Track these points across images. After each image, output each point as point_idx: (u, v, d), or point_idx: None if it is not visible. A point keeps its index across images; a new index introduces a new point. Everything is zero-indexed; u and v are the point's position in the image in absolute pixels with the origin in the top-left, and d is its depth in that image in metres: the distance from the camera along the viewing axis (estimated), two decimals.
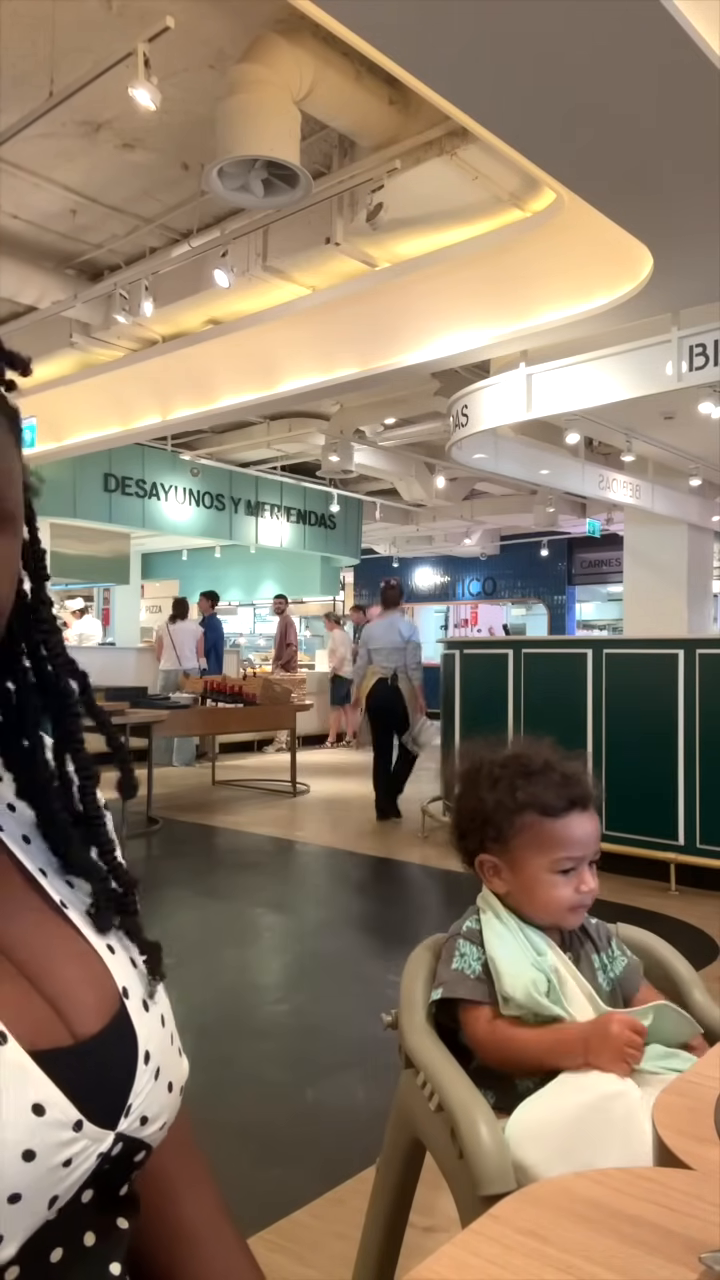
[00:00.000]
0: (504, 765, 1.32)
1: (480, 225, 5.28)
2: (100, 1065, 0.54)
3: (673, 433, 7.96)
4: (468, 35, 2.93)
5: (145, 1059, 0.56)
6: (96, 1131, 0.52)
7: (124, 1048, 0.56)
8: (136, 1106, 0.55)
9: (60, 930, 0.58)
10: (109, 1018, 0.56)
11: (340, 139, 4.99)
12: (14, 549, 0.57)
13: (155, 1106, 0.56)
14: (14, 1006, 0.52)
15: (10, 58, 4.25)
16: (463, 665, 5.81)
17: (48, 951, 0.56)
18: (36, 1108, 0.49)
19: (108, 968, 0.58)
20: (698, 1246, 0.61)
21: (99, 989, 0.57)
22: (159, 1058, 0.57)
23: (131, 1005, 0.58)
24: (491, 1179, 1.02)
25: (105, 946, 0.59)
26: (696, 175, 3.72)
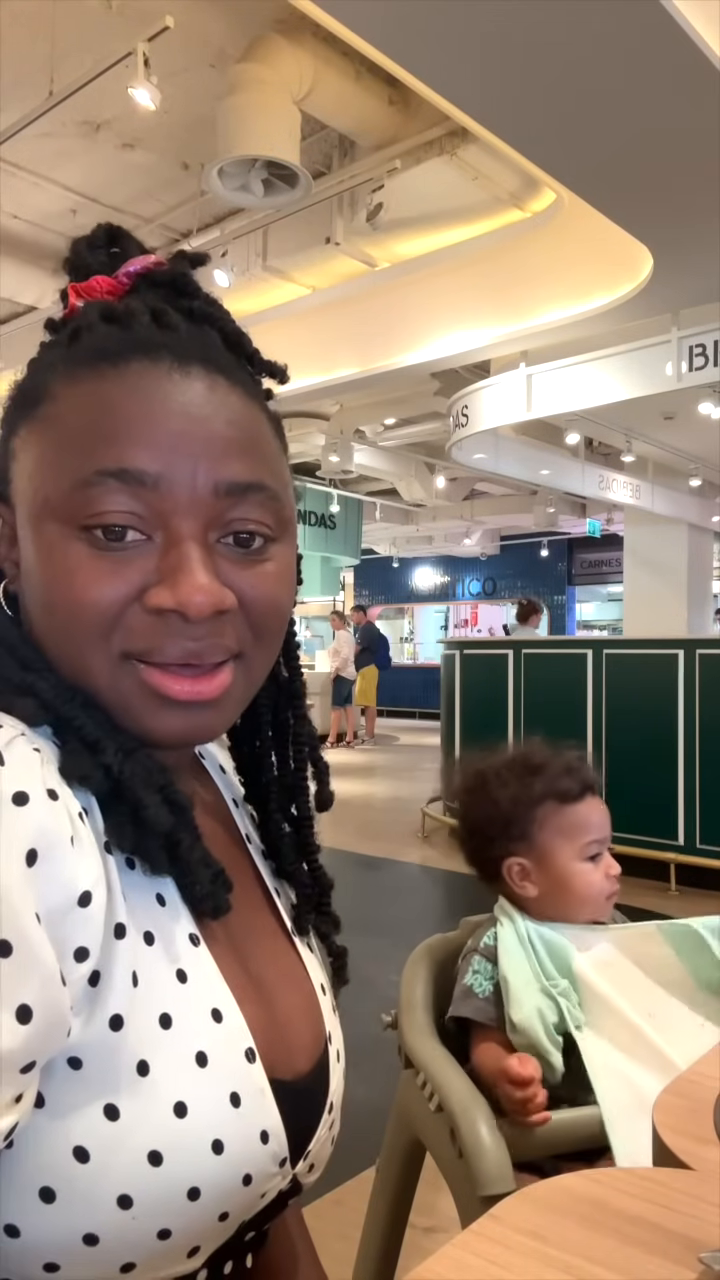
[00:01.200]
0: (508, 767, 1.31)
1: (480, 225, 5.28)
2: (300, 1106, 0.54)
3: (673, 433, 7.96)
4: (468, 35, 2.93)
5: (329, 1109, 0.57)
6: (288, 1170, 0.53)
7: (320, 1094, 0.56)
8: (313, 1154, 0.55)
9: (289, 958, 0.59)
10: (315, 1061, 0.57)
11: (340, 139, 4.99)
12: (292, 558, 0.56)
13: (322, 1157, 0.57)
14: (262, 1030, 0.52)
15: (10, 58, 4.25)
16: (463, 666, 5.81)
17: (280, 979, 0.57)
18: (264, 1135, 0.50)
19: (321, 1009, 0.59)
20: (698, 1246, 0.61)
21: (313, 1029, 0.58)
22: (338, 1110, 0.58)
23: (332, 1052, 0.58)
24: (491, 1179, 1.02)
25: (319, 985, 0.60)
26: (696, 175, 3.72)
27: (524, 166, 4.04)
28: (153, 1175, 0.45)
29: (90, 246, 0.57)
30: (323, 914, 0.63)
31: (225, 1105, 0.48)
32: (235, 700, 0.53)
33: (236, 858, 0.60)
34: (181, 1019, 0.48)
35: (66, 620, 0.49)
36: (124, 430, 0.49)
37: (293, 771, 0.64)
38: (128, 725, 0.50)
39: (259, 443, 0.53)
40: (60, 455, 0.49)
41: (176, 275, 0.55)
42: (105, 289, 0.54)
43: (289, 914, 0.61)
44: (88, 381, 0.50)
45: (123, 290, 0.54)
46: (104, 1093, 0.44)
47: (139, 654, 0.49)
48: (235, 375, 0.54)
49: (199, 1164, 0.46)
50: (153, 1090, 0.46)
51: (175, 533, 0.50)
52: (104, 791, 0.47)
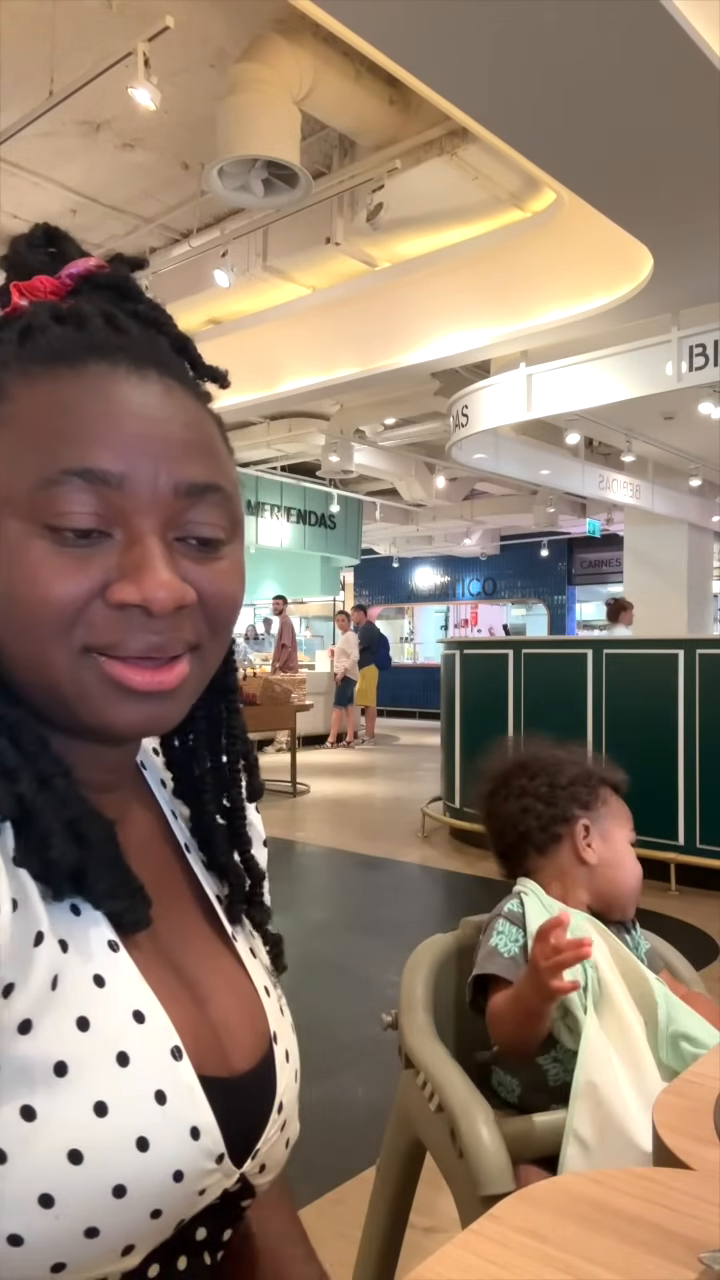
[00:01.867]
0: (545, 761, 1.39)
1: (480, 225, 5.28)
2: (242, 1105, 0.55)
3: (673, 433, 7.96)
4: (468, 35, 2.93)
5: (278, 1109, 0.57)
6: (229, 1167, 0.53)
7: (264, 1093, 0.57)
8: (262, 1153, 0.56)
9: (227, 960, 0.60)
10: (257, 1060, 0.57)
11: (340, 139, 5.00)
12: (242, 556, 0.57)
13: (275, 1158, 0.58)
14: (191, 1027, 0.53)
15: (10, 58, 4.25)
16: (463, 665, 5.81)
17: (215, 980, 0.58)
18: (194, 1131, 0.50)
19: (264, 1009, 0.59)
20: (698, 1246, 0.61)
21: (254, 1029, 0.58)
22: (288, 1111, 0.59)
23: (278, 1052, 0.59)
24: (491, 1179, 1.02)
25: (263, 987, 0.60)
26: (696, 176, 3.72)
27: (524, 166, 4.04)
28: (74, 1174, 0.45)
29: (30, 245, 0.58)
30: (255, 904, 0.64)
31: (150, 1103, 0.49)
32: (190, 691, 0.54)
33: (171, 869, 0.62)
34: (100, 1021, 0.49)
35: (28, 616, 0.49)
36: (86, 430, 0.50)
37: (226, 764, 0.65)
38: (87, 718, 0.51)
39: (213, 445, 0.55)
40: (19, 454, 0.49)
41: (119, 279, 0.56)
42: (49, 289, 0.55)
43: (246, 944, 0.62)
44: (44, 382, 0.50)
45: (65, 291, 0.55)
46: (19, 1094, 0.45)
47: (100, 648, 0.50)
48: (185, 379, 0.55)
49: (123, 1161, 0.47)
50: (70, 1090, 0.46)
51: (137, 530, 0.51)
52: (16, 816, 0.49)
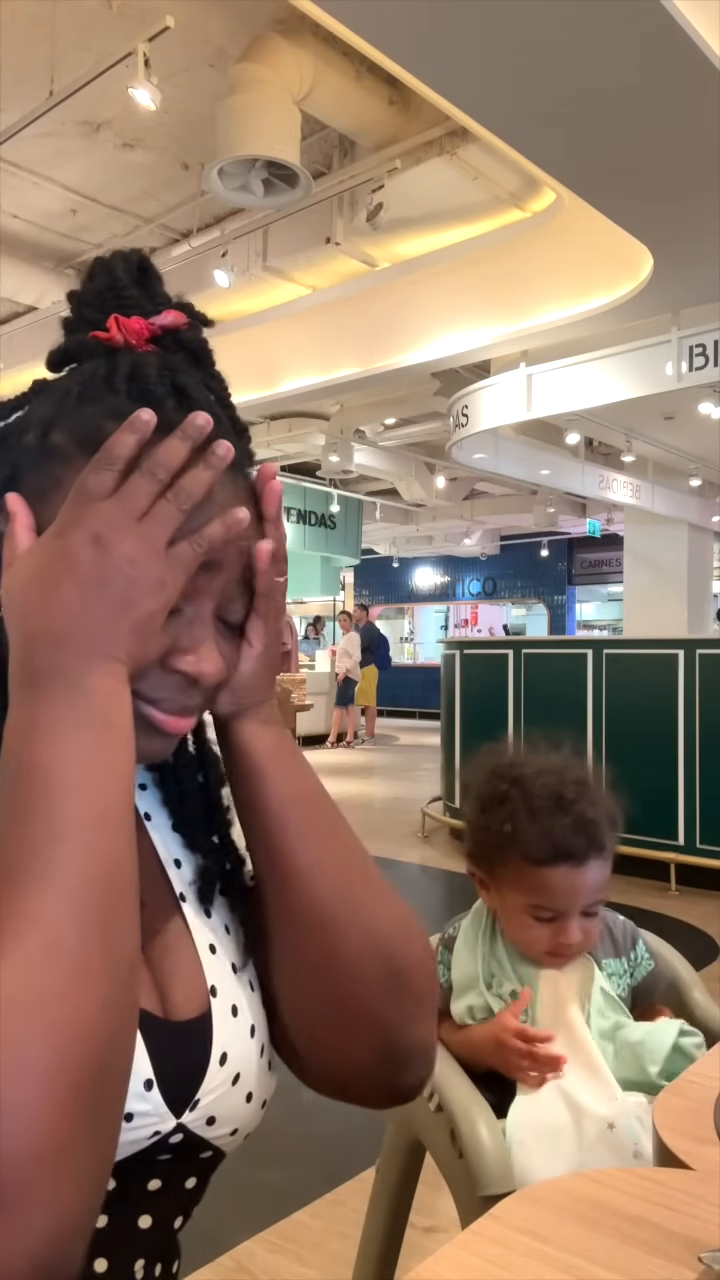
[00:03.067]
0: (516, 784, 1.21)
1: (480, 225, 5.28)
2: (178, 1049, 0.55)
3: (673, 433, 7.96)
4: (467, 35, 2.93)
5: (221, 1060, 0.57)
6: (161, 1106, 0.53)
7: (201, 1043, 0.57)
8: (205, 1104, 0.55)
9: (171, 924, 0.60)
10: (195, 1013, 0.57)
11: (340, 139, 5.00)
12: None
13: (227, 1111, 0.57)
14: None
15: (10, 58, 4.25)
16: (463, 665, 5.81)
17: (158, 941, 0.59)
18: None
19: (203, 966, 0.59)
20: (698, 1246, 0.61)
21: (190, 985, 0.58)
22: (239, 1064, 0.58)
23: (217, 1005, 0.58)
24: (491, 1179, 1.02)
25: (208, 945, 0.60)
26: (696, 176, 3.72)
27: (524, 166, 4.04)
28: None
29: (128, 270, 0.61)
30: (234, 886, 0.64)
31: None
32: None
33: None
34: None
35: None
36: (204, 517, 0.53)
37: (201, 744, 0.66)
38: None
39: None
40: None
41: (199, 345, 0.59)
42: (142, 335, 0.57)
43: (191, 886, 0.62)
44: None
45: (148, 338, 0.57)
46: None
47: (146, 698, 0.54)
48: (242, 462, 0.58)
49: None
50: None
51: (204, 611, 0.55)
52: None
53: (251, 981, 0.62)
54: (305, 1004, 0.60)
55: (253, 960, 0.63)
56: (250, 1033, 0.60)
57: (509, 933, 1.23)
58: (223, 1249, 1.78)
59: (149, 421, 0.50)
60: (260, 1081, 0.60)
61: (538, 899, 1.17)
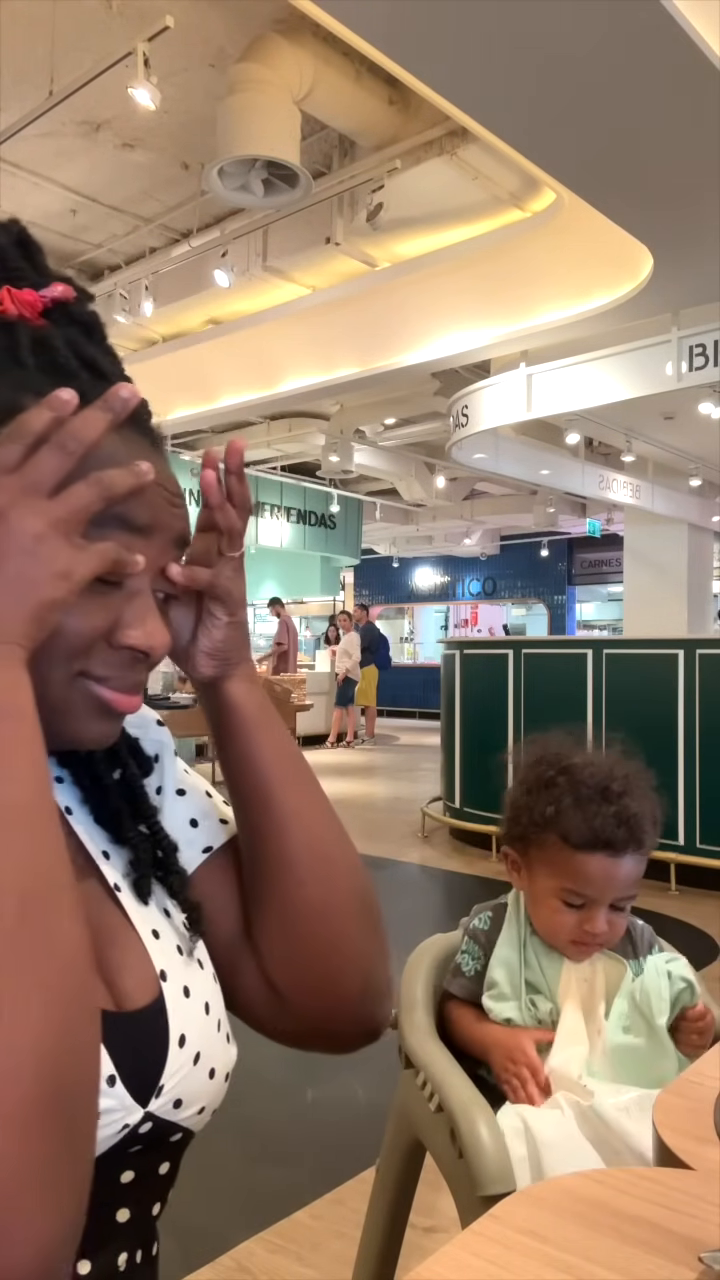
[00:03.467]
0: (564, 772, 1.23)
1: (480, 225, 5.28)
2: (135, 1040, 0.55)
3: (673, 433, 7.96)
4: (468, 35, 2.93)
5: (180, 1042, 0.57)
6: (126, 1098, 0.52)
7: (158, 1029, 0.56)
8: (170, 1088, 0.55)
9: (110, 916, 0.59)
10: (148, 1000, 0.57)
11: (340, 139, 5.00)
12: None
13: (191, 1091, 0.57)
14: None
15: (10, 58, 4.25)
16: (463, 665, 5.81)
17: (100, 935, 0.57)
18: None
19: (148, 953, 0.59)
20: (698, 1246, 0.61)
21: (139, 973, 0.58)
22: (199, 1043, 0.58)
23: (169, 989, 0.58)
24: (491, 1179, 1.02)
25: (151, 931, 0.60)
26: (696, 176, 3.72)
27: (524, 166, 4.04)
28: None
29: (15, 245, 0.58)
30: (170, 872, 0.63)
31: None
32: None
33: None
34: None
35: (49, 640, 0.51)
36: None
37: (120, 738, 0.65)
38: (62, 729, 0.55)
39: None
40: None
41: (90, 317, 0.59)
42: (31, 305, 0.56)
43: (125, 879, 0.61)
44: None
45: (40, 311, 0.56)
46: None
47: (95, 677, 0.54)
48: (155, 435, 0.60)
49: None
50: None
51: (143, 580, 0.55)
52: None
53: (201, 960, 0.62)
54: (299, 944, 0.63)
55: (202, 939, 0.64)
56: (205, 1010, 0.60)
57: (535, 918, 1.24)
58: (223, 1249, 1.78)
59: (69, 402, 0.48)
60: (220, 1056, 0.60)
61: (571, 883, 1.20)
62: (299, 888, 0.62)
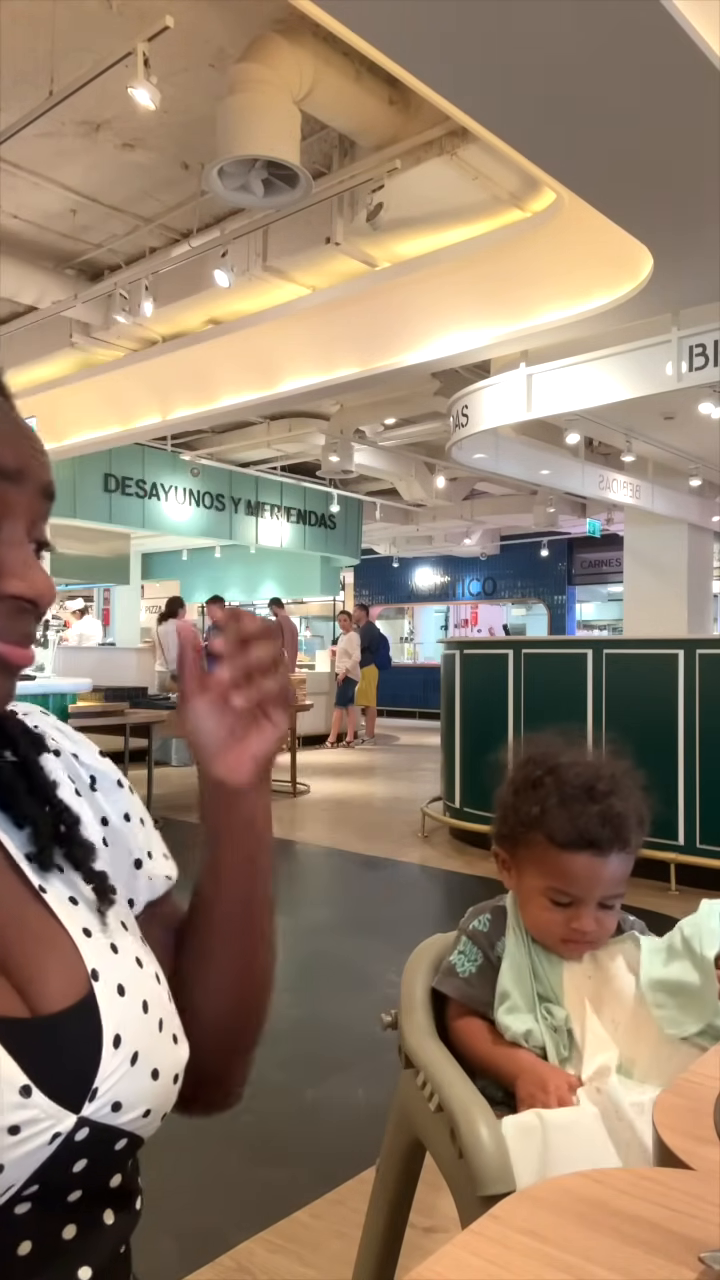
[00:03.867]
0: (551, 772, 1.24)
1: (480, 225, 5.28)
2: (59, 1043, 0.53)
3: (673, 433, 7.96)
4: (468, 35, 2.93)
5: (115, 1043, 0.55)
6: (51, 1106, 0.50)
7: (87, 1029, 0.54)
8: (104, 1091, 0.53)
9: (35, 916, 0.58)
10: (74, 1001, 0.55)
11: (340, 139, 4.99)
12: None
13: (132, 1093, 0.55)
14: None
15: (10, 58, 4.25)
16: (463, 665, 5.81)
17: (19, 936, 0.56)
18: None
19: (79, 952, 0.57)
20: (698, 1246, 0.61)
21: (67, 972, 0.56)
22: (136, 1043, 0.56)
23: (101, 989, 0.56)
24: (491, 1179, 1.02)
25: (81, 930, 0.58)
26: (696, 176, 3.72)
27: (524, 166, 4.03)
28: None
29: None
30: (71, 843, 0.61)
31: None
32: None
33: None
34: None
35: None
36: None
37: (7, 716, 0.64)
38: None
39: None
40: None
41: None
42: None
43: (61, 897, 0.59)
44: None
45: None
46: None
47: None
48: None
49: None
50: None
51: (21, 530, 0.55)
52: None
53: (140, 958, 0.61)
54: (209, 1021, 0.66)
55: (142, 941, 0.63)
56: (143, 1008, 0.58)
57: (525, 916, 1.25)
58: (223, 1249, 1.78)
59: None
60: (165, 1056, 0.58)
61: (557, 882, 1.20)
62: (221, 993, 0.67)
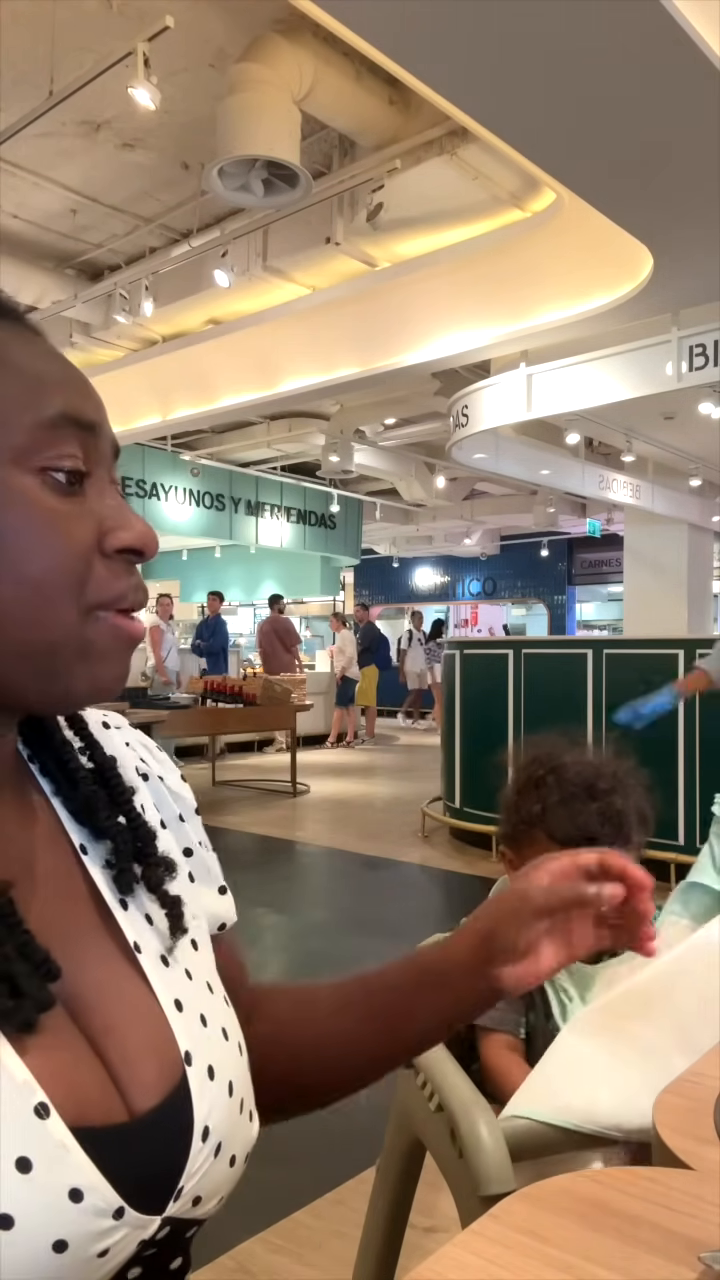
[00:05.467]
0: (553, 771, 1.25)
1: (480, 225, 5.28)
2: (152, 1146, 0.49)
3: (673, 433, 7.95)
4: (468, 35, 2.93)
5: (204, 1135, 0.51)
6: (139, 1219, 0.46)
7: (180, 1124, 0.50)
8: (189, 1189, 0.49)
9: (130, 983, 0.53)
10: (168, 1090, 0.50)
11: (340, 139, 4.99)
12: None
13: (211, 1185, 0.51)
14: (66, 1076, 0.46)
15: (10, 58, 4.25)
16: (463, 665, 5.81)
17: (117, 1010, 0.51)
18: (74, 1193, 0.44)
19: (172, 1030, 0.52)
20: (698, 1246, 0.61)
21: (161, 1056, 0.51)
22: (221, 1131, 0.52)
23: (193, 1074, 0.52)
24: (491, 1179, 1.02)
25: (173, 1002, 0.53)
26: (696, 176, 3.72)
27: (524, 166, 4.03)
28: None
29: None
30: (149, 863, 0.56)
31: (11, 1173, 0.42)
32: None
33: (69, 883, 0.54)
34: None
35: (41, 569, 0.47)
36: (61, 379, 0.50)
37: (80, 723, 0.60)
38: (82, 679, 0.49)
39: None
40: (6, 396, 0.48)
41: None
42: None
43: (155, 955, 0.54)
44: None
45: None
46: None
47: (107, 603, 0.49)
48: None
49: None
50: None
51: (104, 481, 0.51)
52: None
53: (225, 1028, 0.56)
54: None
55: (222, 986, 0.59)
56: (229, 1091, 0.53)
57: None
58: (223, 1249, 1.78)
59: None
60: (242, 1139, 0.54)
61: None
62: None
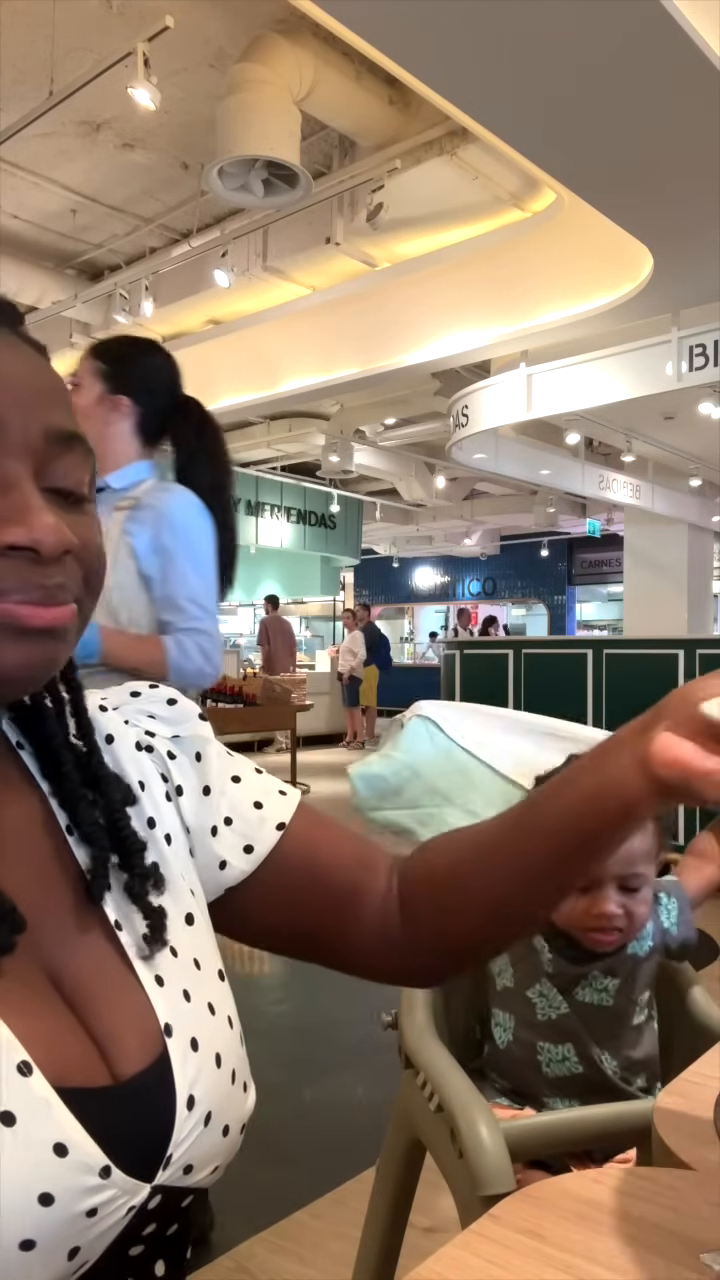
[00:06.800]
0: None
1: (480, 225, 5.28)
2: (136, 1110, 0.50)
3: (673, 433, 7.96)
4: (468, 35, 2.93)
5: (189, 1104, 0.51)
6: (128, 1182, 0.47)
7: (163, 1093, 0.51)
8: (178, 1157, 0.50)
9: (111, 960, 0.54)
10: (150, 1060, 0.51)
11: (340, 139, 4.99)
12: (99, 521, 0.57)
13: (204, 1154, 0.52)
14: (49, 1040, 0.48)
15: (10, 58, 4.25)
16: (463, 665, 5.81)
17: (100, 984, 0.53)
18: (59, 1148, 0.45)
19: (151, 1003, 0.53)
20: (698, 1246, 0.61)
21: (141, 1027, 0.52)
22: (209, 1101, 0.53)
23: (174, 1045, 0.53)
24: (491, 1179, 1.02)
25: (154, 978, 0.54)
26: (696, 175, 3.72)
27: (524, 166, 4.03)
28: None
29: None
30: (133, 873, 0.57)
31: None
32: (74, 639, 0.53)
33: (51, 858, 0.56)
34: None
35: None
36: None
37: (80, 728, 0.60)
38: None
39: (69, 399, 0.55)
40: None
41: None
42: None
43: (135, 934, 0.56)
44: None
45: None
46: None
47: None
48: (23, 337, 0.56)
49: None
50: None
51: (12, 475, 0.50)
52: None
53: (211, 1003, 0.57)
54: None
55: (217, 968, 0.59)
56: (216, 1063, 0.54)
57: None
58: (223, 1249, 1.78)
59: None
60: (235, 1110, 0.55)
61: None
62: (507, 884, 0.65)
